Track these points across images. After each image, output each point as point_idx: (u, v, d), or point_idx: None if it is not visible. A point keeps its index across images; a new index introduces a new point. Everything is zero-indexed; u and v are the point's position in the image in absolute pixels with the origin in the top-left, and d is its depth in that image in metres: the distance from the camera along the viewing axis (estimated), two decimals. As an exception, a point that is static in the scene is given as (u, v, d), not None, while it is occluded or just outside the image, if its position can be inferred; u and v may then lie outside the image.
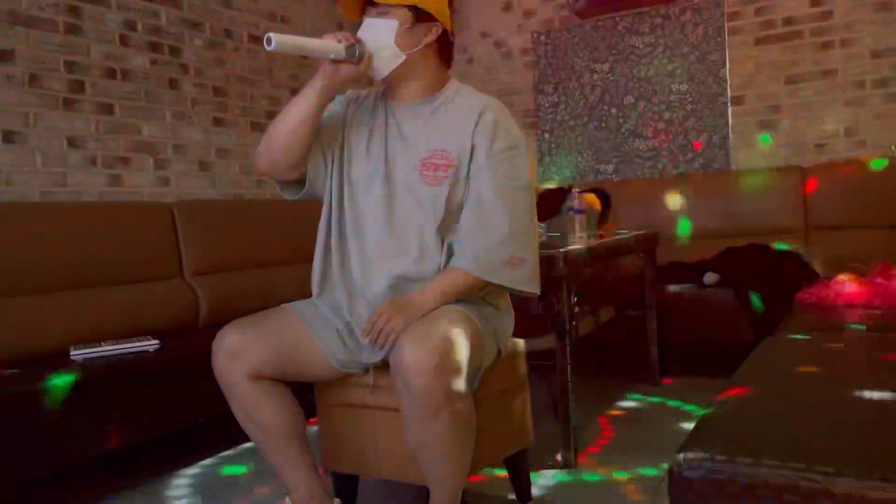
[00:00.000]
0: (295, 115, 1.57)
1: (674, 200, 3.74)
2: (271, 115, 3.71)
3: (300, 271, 1.86)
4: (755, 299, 2.94)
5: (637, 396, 2.97)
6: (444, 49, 1.69)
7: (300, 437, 1.64)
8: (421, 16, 1.60)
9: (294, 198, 1.74)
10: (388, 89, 1.72)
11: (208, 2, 3.44)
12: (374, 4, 1.60)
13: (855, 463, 0.93)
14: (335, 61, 1.54)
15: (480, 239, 1.58)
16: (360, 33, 1.59)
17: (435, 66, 1.68)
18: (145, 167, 3.14)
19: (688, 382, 3.13)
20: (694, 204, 3.69)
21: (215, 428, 2.45)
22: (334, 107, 1.73)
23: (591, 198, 2.91)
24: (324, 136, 1.68)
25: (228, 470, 2.36)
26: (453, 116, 1.65)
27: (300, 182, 1.70)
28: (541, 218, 2.27)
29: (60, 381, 1.96)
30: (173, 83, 3.26)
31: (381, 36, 1.58)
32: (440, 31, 1.64)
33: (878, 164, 3.36)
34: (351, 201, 1.68)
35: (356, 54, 1.54)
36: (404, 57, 1.60)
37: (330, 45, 1.51)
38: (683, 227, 3.65)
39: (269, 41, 1.41)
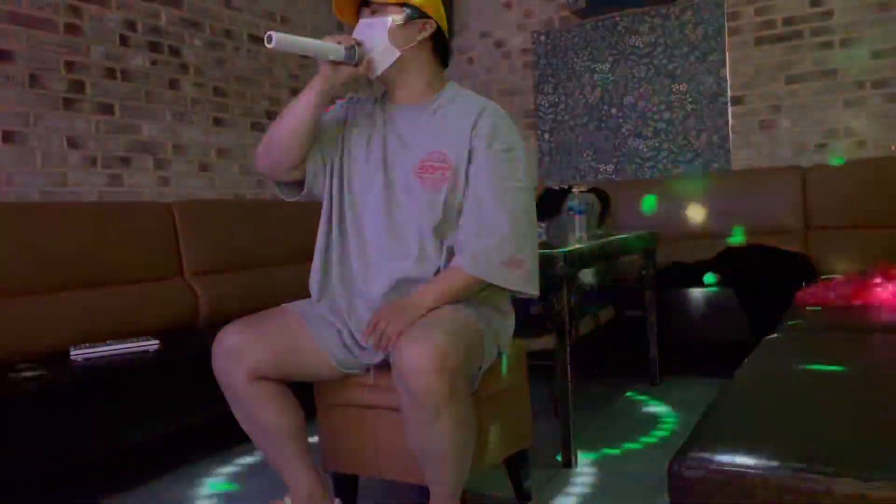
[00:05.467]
0: (294, 117, 1.58)
1: (674, 200, 3.74)
2: (271, 115, 3.71)
3: (300, 271, 1.86)
4: (755, 299, 2.94)
5: (637, 396, 2.97)
6: (440, 48, 1.69)
7: (300, 438, 1.65)
8: (414, 13, 1.61)
9: (293, 199, 1.74)
10: (387, 91, 1.73)
11: (208, 2, 3.44)
12: (368, 5, 1.61)
13: (855, 463, 0.93)
14: (335, 63, 1.54)
15: (480, 240, 1.59)
16: (356, 33, 1.60)
17: (431, 66, 1.69)
18: (145, 167, 3.14)
19: (688, 382, 3.13)
20: (694, 204, 3.69)
21: (215, 428, 2.45)
22: (334, 109, 1.74)
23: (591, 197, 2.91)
24: (323, 139, 1.68)
25: (228, 470, 2.36)
26: (451, 119, 1.66)
27: (299, 183, 1.70)
28: (541, 218, 2.27)
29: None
30: (173, 83, 3.26)
31: (376, 33, 1.59)
32: (434, 27, 1.64)
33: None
34: (351, 203, 1.68)
35: (355, 56, 1.55)
36: (399, 53, 1.61)
37: (330, 46, 1.52)
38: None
39: (269, 39, 1.42)
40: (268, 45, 1.43)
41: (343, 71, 1.56)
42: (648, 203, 3.64)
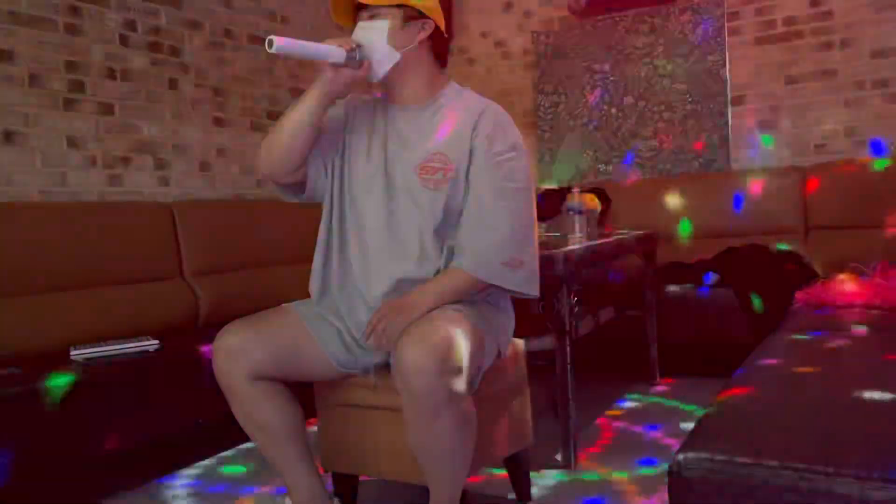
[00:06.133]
0: (296, 120, 1.58)
1: (674, 200, 3.74)
2: (271, 115, 3.71)
3: (300, 271, 1.86)
4: (755, 299, 2.94)
5: (636, 396, 2.97)
6: (439, 47, 1.69)
7: (300, 438, 1.65)
8: (412, 14, 1.60)
9: (294, 201, 1.75)
10: (388, 92, 1.73)
11: (208, 2, 3.44)
12: (365, 7, 1.60)
13: (855, 463, 0.93)
14: (336, 66, 1.54)
15: (480, 240, 1.59)
16: (355, 36, 1.60)
17: (431, 66, 1.69)
18: (145, 167, 3.14)
19: (688, 382, 3.13)
20: (694, 204, 3.68)
21: (215, 428, 2.45)
22: (335, 110, 1.73)
23: (591, 198, 2.91)
24: (324, 140, 1.68)
25: (228, 470, 2.36)
26: (452, 119, 1.65)
27: (301, 185, 1.70)
28: (541, 218, 2.27)
29: (60, 381, 1.96)
30: (173, 83, 3.26)
31: (375, 37, 1.58)
32: (433, 27, 1.64)
33: (880, 164, 3.36)
34: (351, 204, 1.68)
35: (357, 59, 1.55)
36: (399, 56, 1.61)
37: (331, 49, 1.52)
38: (684, 228, 3.63)
39: (270, 43, 1.41)
40: (269, 50, 1.43)
41: (344, 74, 1.55)
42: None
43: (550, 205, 3.55)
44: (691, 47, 3.90)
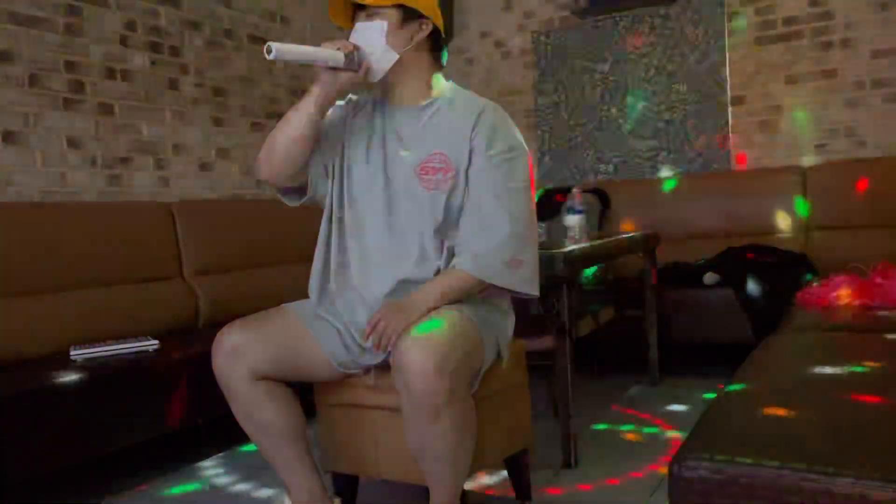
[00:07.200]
0: (295, 125, 1.57)
1: (674, 200, 3.74)
2: (271, 115, 3.71)
3: (300, 271, 1.86)
4: (755, 300, 2.94)
5: (637, 396, 2.97)
6: (438, 47, 1.69)
7: (300, 438, 1.65)
8: (410, 14, 1.60)
9: (295, 205, 1.74)
10: (387, 92, 1.72)
11: (208, 2, 3.44)
12: (363, 8, 1.60)
13: (855, 463, 0.93)
14: (334, 69, 1.54)
15: (480, 240, 1.59)
16: (353, 37, 1.60)
17: (430, 66, 1.69)
18: (145, 167, 3.14)
19: (688, 382, 3.13)
20: (694, 204, 3.69)
21: (215, 428, 2.45)
22: (334, 112, 1.73)
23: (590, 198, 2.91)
24: (324, 143, 1.68)
25: (228, 470, 2.36)
26: (451, 120, 1.65)
27: (302, 189, 1.70)
28: (541, 218, 2.27)
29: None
30: (173, 83, 3.26)
31: (373, 37, 1.58)
32: (430, 27, 1.64)
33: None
34: (351, 205, 1.68)
35: (355, 61, 1.55)
36: (397, 56, 1.60)
37: (329, 53, 1.52)
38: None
39: (269, 50, 1.42)
40: (267, 56, 1.43)
41: (342, 77, 1.55)
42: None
43: (550, 205, 3.55)
44: (691, 47, 3.90)
